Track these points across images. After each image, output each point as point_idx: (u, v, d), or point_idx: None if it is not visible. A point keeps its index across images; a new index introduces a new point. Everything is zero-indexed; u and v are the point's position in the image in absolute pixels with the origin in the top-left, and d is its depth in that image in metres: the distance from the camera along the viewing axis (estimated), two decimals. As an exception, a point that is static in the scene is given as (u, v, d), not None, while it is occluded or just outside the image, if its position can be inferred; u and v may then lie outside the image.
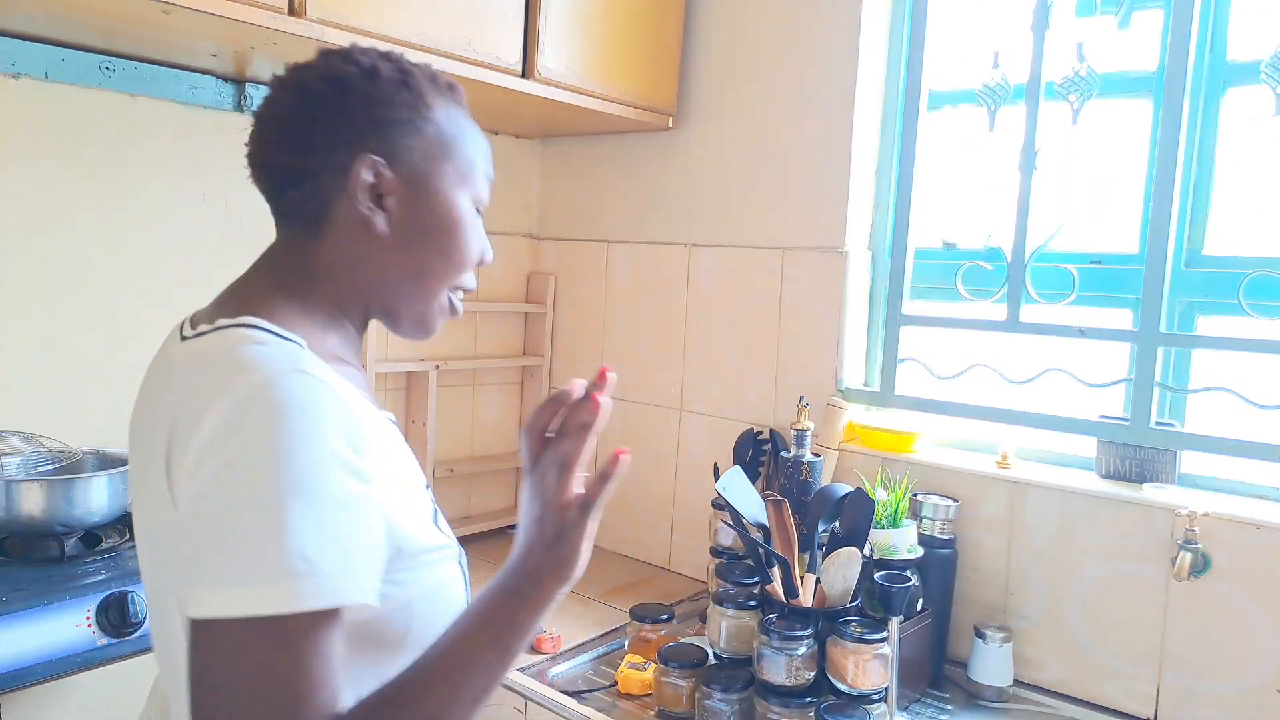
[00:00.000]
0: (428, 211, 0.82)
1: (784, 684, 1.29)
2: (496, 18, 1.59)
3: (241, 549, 0.65)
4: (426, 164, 0.82)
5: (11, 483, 1.33)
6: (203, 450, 0.67)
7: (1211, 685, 1.39)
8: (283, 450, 0.66)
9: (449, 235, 0.83)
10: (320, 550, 0.65)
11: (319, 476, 0.67)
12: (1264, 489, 1.44)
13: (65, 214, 1.55)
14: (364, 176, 0.79)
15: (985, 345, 1.67)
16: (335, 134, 0.79)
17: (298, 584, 0.64)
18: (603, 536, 2.17)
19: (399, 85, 0.81)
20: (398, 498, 0.75)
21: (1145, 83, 1.53)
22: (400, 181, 0.81)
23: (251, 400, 0.67)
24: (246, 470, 0.66)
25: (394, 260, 0.82)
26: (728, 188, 1.94)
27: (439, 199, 0.82)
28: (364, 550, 0.70)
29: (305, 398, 0.68)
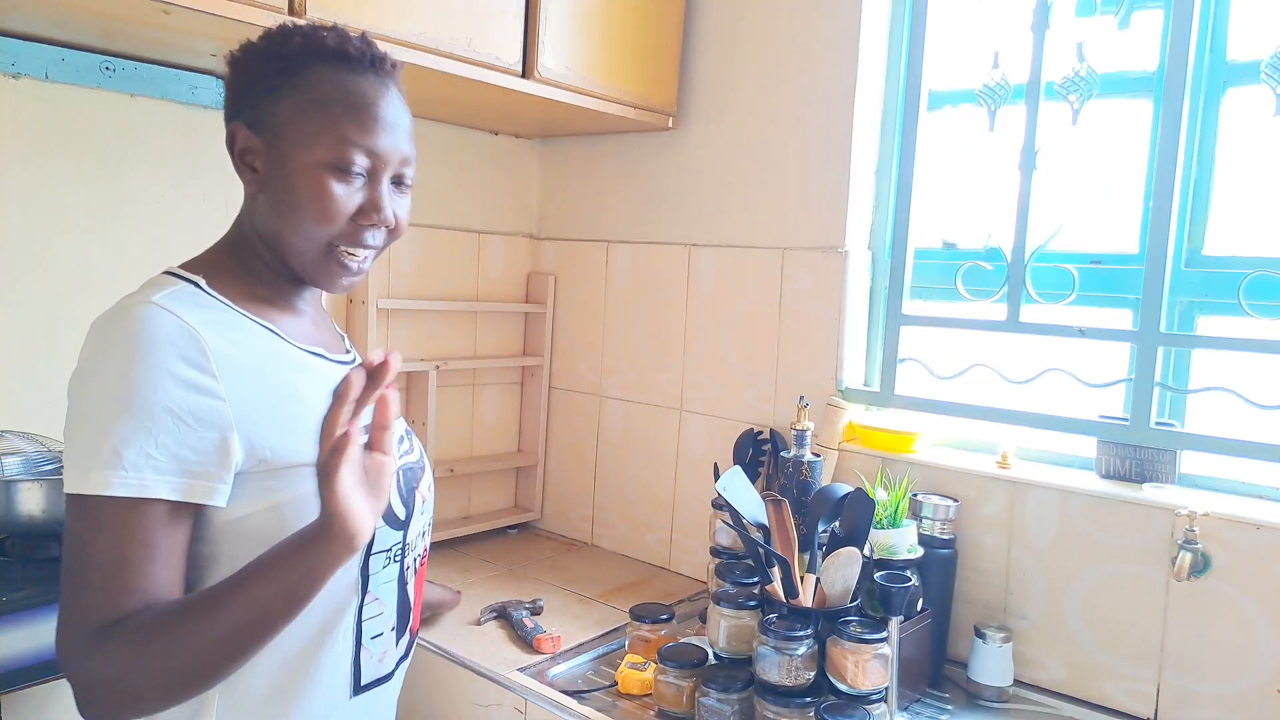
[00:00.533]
0: (283, 170, 0.90)
1: (784, 684, 1.29)
2: (496, 18, 1.59)
3: (81, 440, 0.81)
4: (286, 126, 0.90)
5: (11, 483, 1.33)
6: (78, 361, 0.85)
7: (1211, 685, 1.39)
8: (118, 364, 0.81)
9: (301, 193, 0.90)
10: (132, 448, 0.79)
11: (146, 388, 0.80)
12: (1264, 489, 1.44)
13: (65, 214, 1.55)
14: (236, 141, 0.92)
15: (985, 345, 1.67)
16: (230, 110, 0.93)
17: (107, 473, 0.79)
18: (603, 536, 2.17)
19: (271, 55, 0.91)
20: (266, 413, 0.87)
21: (1145, 83, 1.53)
22: (263, 143, 0.91)
23: (102, 327, 0.84)
24: (91, 379, 0.82)
25: (266, 215, 0.93)
26: (728, 188, 1.94)
27: (293, 159, 0.90)
28: (186, 453, 0.82)
29: (145, 324, 0.82)
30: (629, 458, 2.12)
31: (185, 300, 0.86)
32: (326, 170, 0.90)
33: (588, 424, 2.20)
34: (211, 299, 0.90)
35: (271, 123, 0.90)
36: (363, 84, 0.92)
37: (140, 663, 0.79)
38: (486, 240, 2.19)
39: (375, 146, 0.91)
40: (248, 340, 0.89)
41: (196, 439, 0.82)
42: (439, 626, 1.63)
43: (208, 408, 0.83)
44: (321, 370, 0.96)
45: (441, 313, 2.09)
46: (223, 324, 0.87)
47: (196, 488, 0.83)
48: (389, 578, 0.99)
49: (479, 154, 2.17)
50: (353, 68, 0.92)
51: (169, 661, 0.79)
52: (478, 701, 1.49)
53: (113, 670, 0.79)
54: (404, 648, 1.05)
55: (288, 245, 0.92)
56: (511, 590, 1.84)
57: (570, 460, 2.24)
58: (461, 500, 2.19)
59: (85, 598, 0.80)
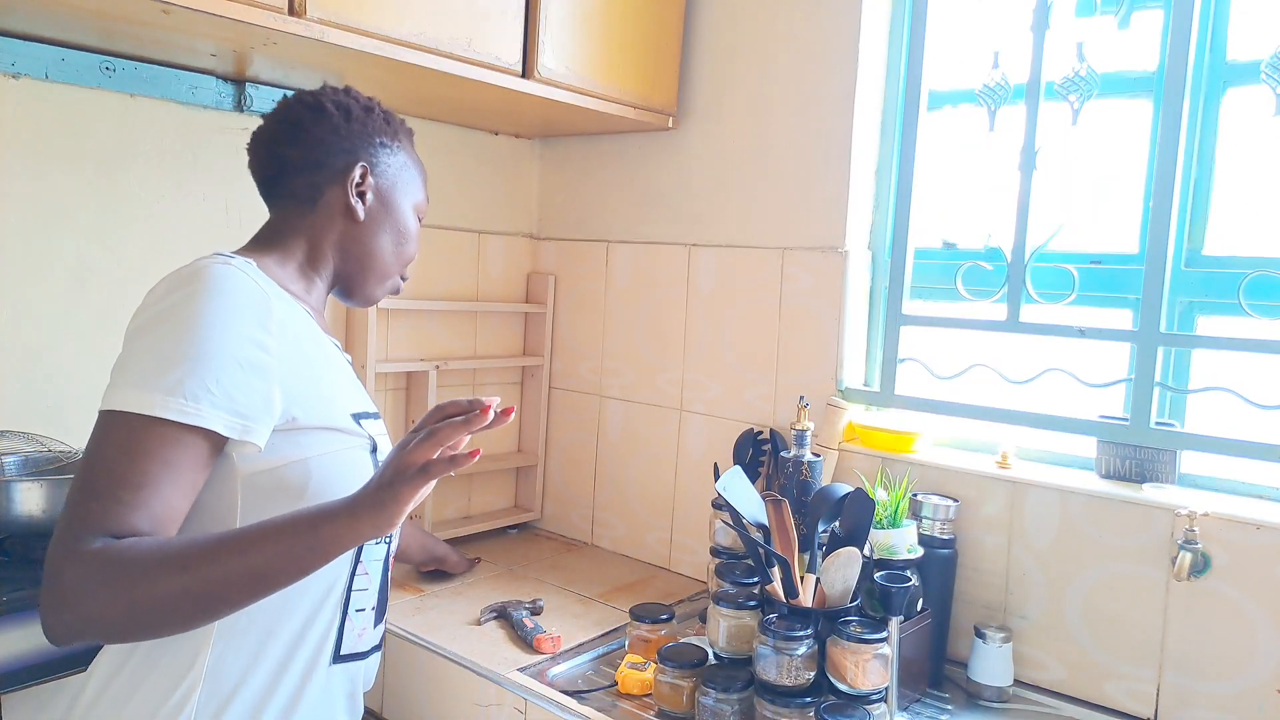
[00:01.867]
0: (390, 210, 1.14)
1: (783, 684, 1.29)
2: (496, 18, 1.59)
3: (142, 364, 0.88)
4: (394, 178, 1.14)
5: (11, 483, 1.33)
6: (145, 306, 0.93)
7: (1211, 685, 1.39)
8: (193, 310, 0.90)
9: (401, 231, 1.15)
10: (194, 381, 0.87)
11: (217, 333, 0.89)
12: (1264, 489, 1.44)
13: (65, 214, 1.55)
14: (355, 175, 1.10)
15: (985, 345, 1.67)
16: (339, 143, 1.10)
17: (168, 398, 0.86)
18: (603, 536, 2.17)
19: (383, 121, 1.14)
20: (302, 379, 0.97)
21: (1145, 83, 1.53)
22: (377, 184, 1.13)
23: (184, 276, 0.93)
24: (164, 319, 0.90)
25: (361, 239, 1.12)
26: (728, 188, 1.94)
27: (398, 205, 1.15)
28: (241, 397, 0.89)
29: (224, 279, 0.93)
30: (629, 458, 2.11)
31: (250, 270, 0.98)
32: (416, 216, 1.18)
33: (588, 424, 2.20)
34: (265, 276, 1.01)
35: (386, 170, 1.13)
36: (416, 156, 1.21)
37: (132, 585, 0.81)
38: (486, 240, 2.19)
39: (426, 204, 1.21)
40: (295, 314, 1.01)
41: (250, 388, 0.91)
42: (439, 626, 1.63)
43: (263, 362, 0.92)
44: (338, 358, 1.11)
45: (441, 313, 2.09)
46: (279, 295, 1.00)
47: (244, 427, 0.90)
48: (378, 555, 1.08)
49: (479, 154, 2.17)
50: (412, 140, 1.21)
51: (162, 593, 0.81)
52: (478, 701, 1.49)
53: (101, 581, 0.81)
54: (377, 637, 1.12)
55: (369, 266, 1.13)
56: (511, 590, 1.84)
57: (570, 460, 2.24)
58: (461, 500, 2.19)
59: (100, 504, 0.84)
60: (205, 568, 0.82)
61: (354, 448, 1.02)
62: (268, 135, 1.11)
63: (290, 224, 1.10)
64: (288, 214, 1.11)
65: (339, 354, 1.12)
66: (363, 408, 1.07)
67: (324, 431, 0.99)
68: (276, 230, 1.11)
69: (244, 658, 0.97)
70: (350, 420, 1.03)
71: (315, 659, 1.02)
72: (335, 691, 1.06)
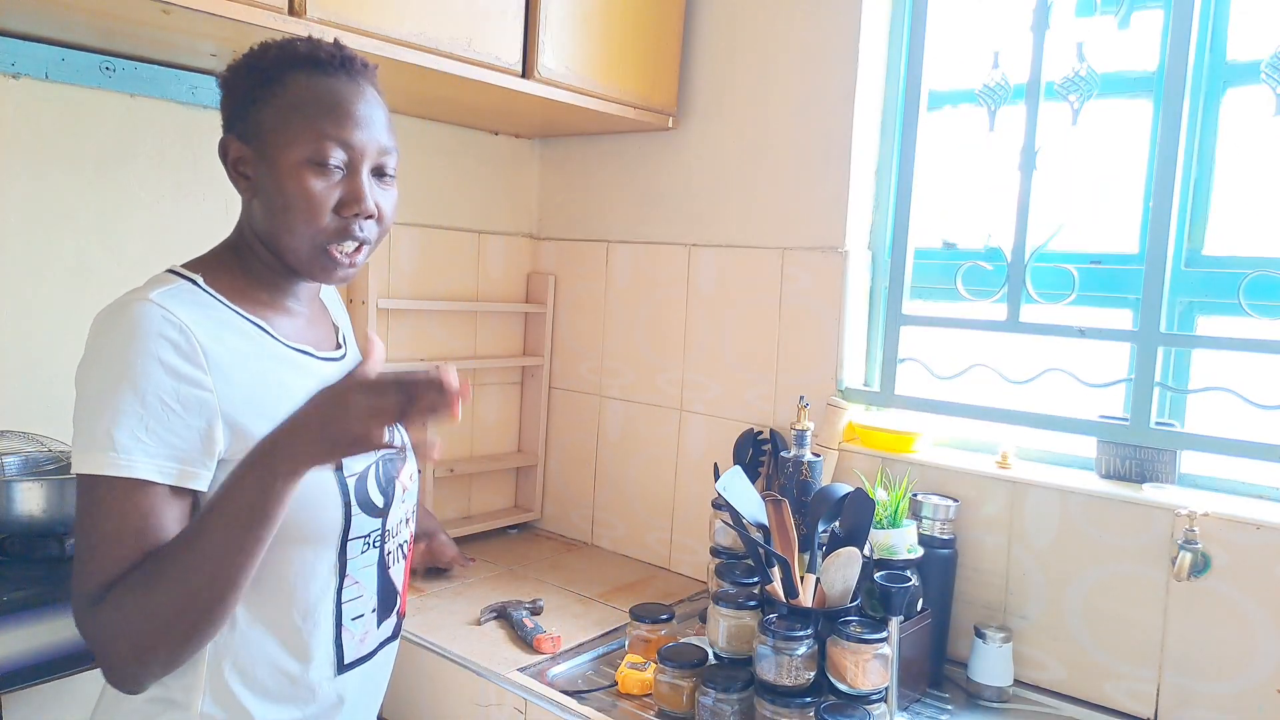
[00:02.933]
0: (272, 173, 0.96)
1: (783, 684, 1.29)
2: (496, 18, 1.59)
3: (80, 421, 0.88)
4: (270, 132, 0.96)
5: (11, 483, 1.33)
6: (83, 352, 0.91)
7: (1211, 685, 1.39)
8: (114, 355, 0.88)
9: (289, 192, 0.96)
10: (124, 431, 0.86)
11: (139, 377, 0.87)
12: (1264, 489, 1.44)
13: (65, 214, 1.55)
14: (229, 153, 0.99)
15: (985, 345, 1.67)
16: (223, 125, 1.01)
17: (100, 455, 0.85)
18: (603, 536, 2.17)
19: (251, 69, 0.98)
20: (248, 406, 0.92)
21: (1145, 83, 1.53)
22: (252, 151, 0.97)
23: (102, 320, 0.90)
24: (91, 369, 0.89)
25: (261, 217, 0.99)
26: (728, 188, 1.94)
27: (278, 162, 0.96)
28: (173, 439, 0.88)
29: (140, 318, 0.88)
30: (629, 458, 2.11)
31: (181, 298, 0.93)
32: (307, 167, 0.95)
33: (588, 424, 2.20)
34: (208, 296, 0.96)
35: (257, 131, 0.97)
36: (334, 84, 0.98)
37: (139, 606, 0.85)
38: (486, 240, 2.19)
39: (350, 139, 0.97)
40: (238, 336, 0.96)
41: (184, 426, 0.89)
42: (439, 626, 1.63)
43: (195, 398, 0.89)
44: (309, 367, 1.02)
45: (441, 313, 2.09)
46: (216, 320, 0.94)
47: (181, 472, 0.89)
48: (368, 563, 1.04)
49: (479, 154, 2.17)
50: (325, 71, 0.98)
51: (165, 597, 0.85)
52: (478, 701, 1.49)
53: (116, 621, 0.85)
54: (388, 630, 1.10)
55: (283, 244, 0.98)
56: (511, 590, 1.84)
57: (570, 460, 2.24)
58: (462, 500, 2.19)
59: (88, 566, 0.87)
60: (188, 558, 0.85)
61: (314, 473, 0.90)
62: None
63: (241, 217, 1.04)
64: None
65: (310, 361, 1.03)
66: None
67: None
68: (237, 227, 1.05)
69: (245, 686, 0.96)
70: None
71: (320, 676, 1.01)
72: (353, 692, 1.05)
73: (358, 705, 1.07)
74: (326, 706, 1.02)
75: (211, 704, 0.95)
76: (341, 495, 0.98)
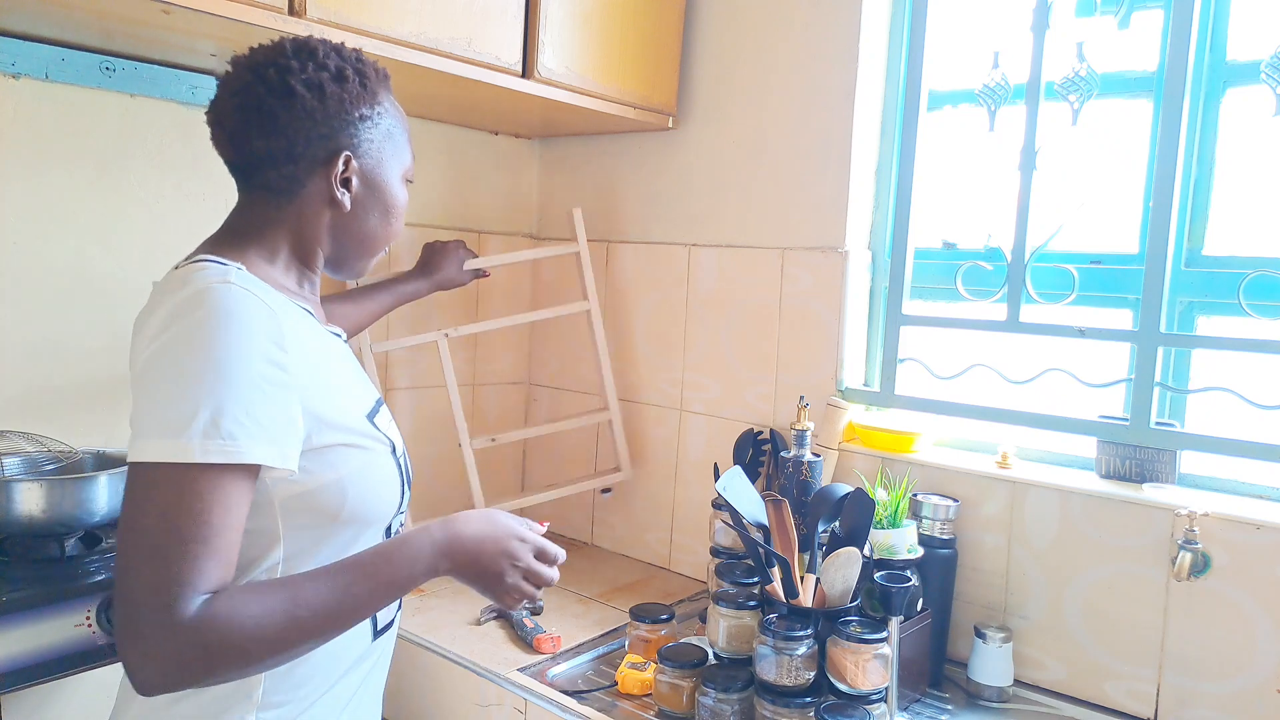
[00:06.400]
0: (378, 194, 1.04)
1: (783, 684, 1.29)
2: (496, 18, 1.59)
3: (166, 408, 0.83)
4: (380, 154, 1.04)
5: (11, 483, 1.33)
6: (150, 338, 0.87)
7: (1211, 685, 1.39)
8: (208, 338, 0.85)
9: (392, 209, 1.07)
10: (228, 417, 0.83)
11: (237, 360, 0.85)
12: (1264, 489, 1.44)
13: (65, 214, 1.55)
14: (339, 166, 1.00)
15: (985, 345, 1.67)
16: (314, 131, 0.98)
17: (203, 441, 0.82)
18: (603, 537, 2.17)
19: (360, 88, 1.01)
20: (319, 392, 0.93)
21: (1145, 83, 1.53)
22: (361, 169, 1.02)
23: (187, 302, 0.87)
24: (180, 351, 0.84)
25: (350, 227, 1.04)
26: (728, 188, 1.94)
27: (387, 184, 1.05)
28: (272, 423, 0.86)
29: (230, 301, 0.87)
30: (629, 458, 2.11)
31: (250, 282, 0.91)
32: (403, 183, 1.08)
33: (588, 424, 2.20)
34: (262, 282, 0.95)
35: (369, 149, 1.02)
36: (397, 104, 1.09)
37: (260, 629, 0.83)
38: (486, 240, 2.19)
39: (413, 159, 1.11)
40: (299, 321, 0.96)
41: (278, 411, 0.87)
42: (439, 626, 1.64)
43: (284, 382, 0.88)
44: (341, 351, 1.06)
45: (442, 313, 2.09)
46: (281, 305, 0.94)
47: (282, 454, 0.88)
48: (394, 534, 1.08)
49: (479, 154, 2.17)
50: (389, 88, 1.08)
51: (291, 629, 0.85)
52: (478, 701, 1.49)
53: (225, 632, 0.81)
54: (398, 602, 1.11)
55: (361, 249, 1.06)
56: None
57: (570, 459, 2.24)
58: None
59: (176, 566, 0.81)
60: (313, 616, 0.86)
61: (380, 456, 1.00)
62: (233, 122, 0.99)
63: (269, 216, 1.01)
64: (265, 206, 1.01)
65: (340, 344, 1.07)
66: (371, 401, 1.04)
67: (348, 447, 0.95)
68: (254, 223, 1.01)
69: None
70: (368, 424, 1.00)
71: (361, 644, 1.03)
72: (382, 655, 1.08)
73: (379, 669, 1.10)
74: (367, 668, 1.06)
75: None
76: (400, 477, 1.03)
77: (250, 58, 1.00)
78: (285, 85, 0.96)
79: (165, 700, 0.93)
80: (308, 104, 0.97)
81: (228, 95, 1.00)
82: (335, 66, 0.99)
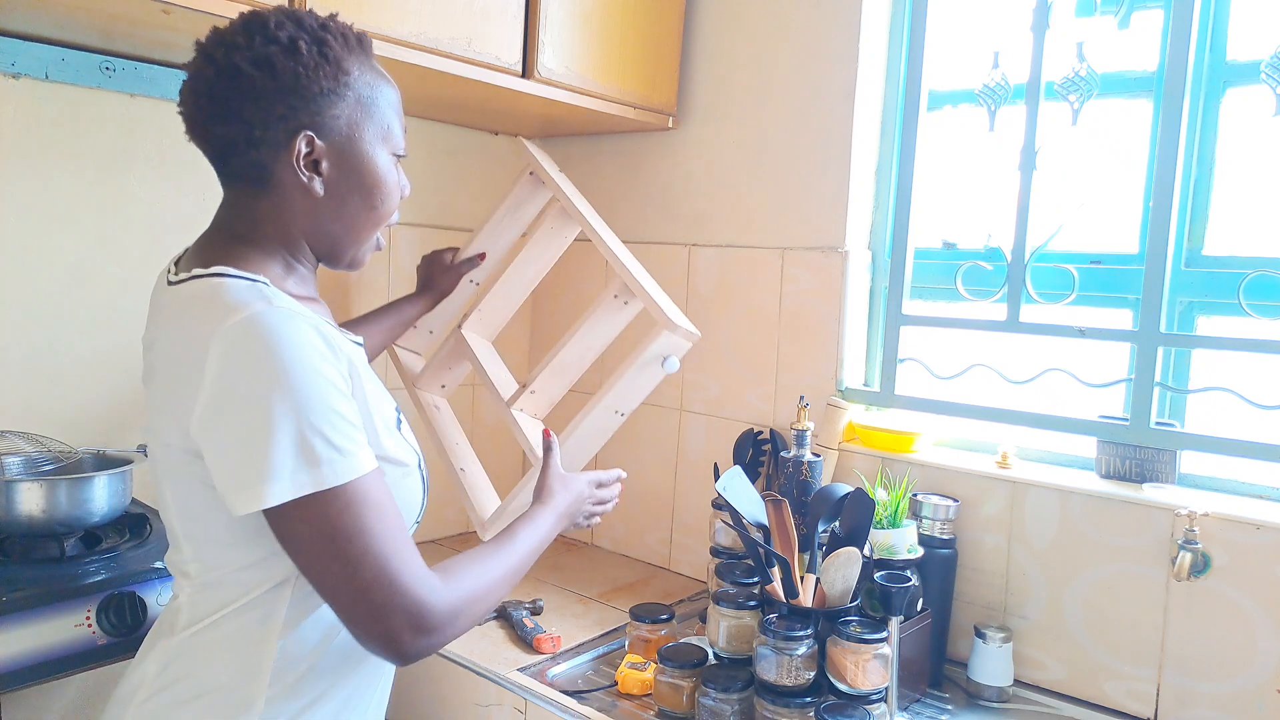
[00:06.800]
0: (355, 172, 0.96)
1: (783, 684, 1.29)
2: (496, 17, 1.59)
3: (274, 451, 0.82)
4: (350, 129, 0.94)
5: (11, 483, 1.33)
6: (214, 380, 0.83)
7: (1211, 685, 1.39)
8: (280, 370, 0.82)
9: (374, 190, 0.97)
10: (338, 436, 0.84)
11: (311, 383, 0.84)
12: (1264, 489, 1.44)
13: (65, 214, 1.55)
14: (300, 149, 0.92)
15: (985, 345, 1.67)
16: (270, 112, 0.90)
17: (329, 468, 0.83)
18: (603, 537, 2.17)
19: (319, 58, 0.91)
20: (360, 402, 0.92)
21: (1145, 83, 1.53)
22: (330, 148, 0.94)
23: (243, 335, 0.83)
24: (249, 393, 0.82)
25: (329, 214, 0.97)
26: (728, 188, 1.94)
27: (364, 160, 0.96)
28: (357, 433, 0.88)
29: (285, 326, 0.84)
30: (629, 458, 2.11)
31: (285, 301, 0.88)
32: (389, 160, 0.99)
33: (588, 424, 2.20)
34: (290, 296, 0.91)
35: (336, 125, 0.94)
36: (380, 69, 0.99)
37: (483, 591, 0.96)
38: (486, 240, 2.18)
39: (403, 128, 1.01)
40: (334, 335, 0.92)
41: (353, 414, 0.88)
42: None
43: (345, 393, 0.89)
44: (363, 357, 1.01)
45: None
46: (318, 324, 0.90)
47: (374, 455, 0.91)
48: None
49: (479, 154, 2.17)
50: (368, 55, 0.98)
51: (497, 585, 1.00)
52: (478, 701, 1.49)
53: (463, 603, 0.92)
54: None
55: (348, 238, 0.99)
56: (511, 590, 1.83)
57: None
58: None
59: (399, 557, 0.86)
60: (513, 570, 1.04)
61: (409, 469, 1.00)
62: (189, 108, 0.93)
63: (251, 210, 0.96)
64: (245, 197, 0.96)
65: (363, 354, 1.02)
66: (393, 410, 1.02)
67: (384, 460, 0.94)
68: (241, 219, 0.97)
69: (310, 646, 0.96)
70: (400, 436, 1.00)
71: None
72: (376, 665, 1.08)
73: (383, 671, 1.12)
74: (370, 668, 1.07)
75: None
76: (423, 488, 1.04)
77: (205, 39, 0.93)
78: (231, 65, 0.89)
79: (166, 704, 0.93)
80: (257, 83, 0.89)
81: (185, 82, 0.94)
82: (287, 38, 0.90)
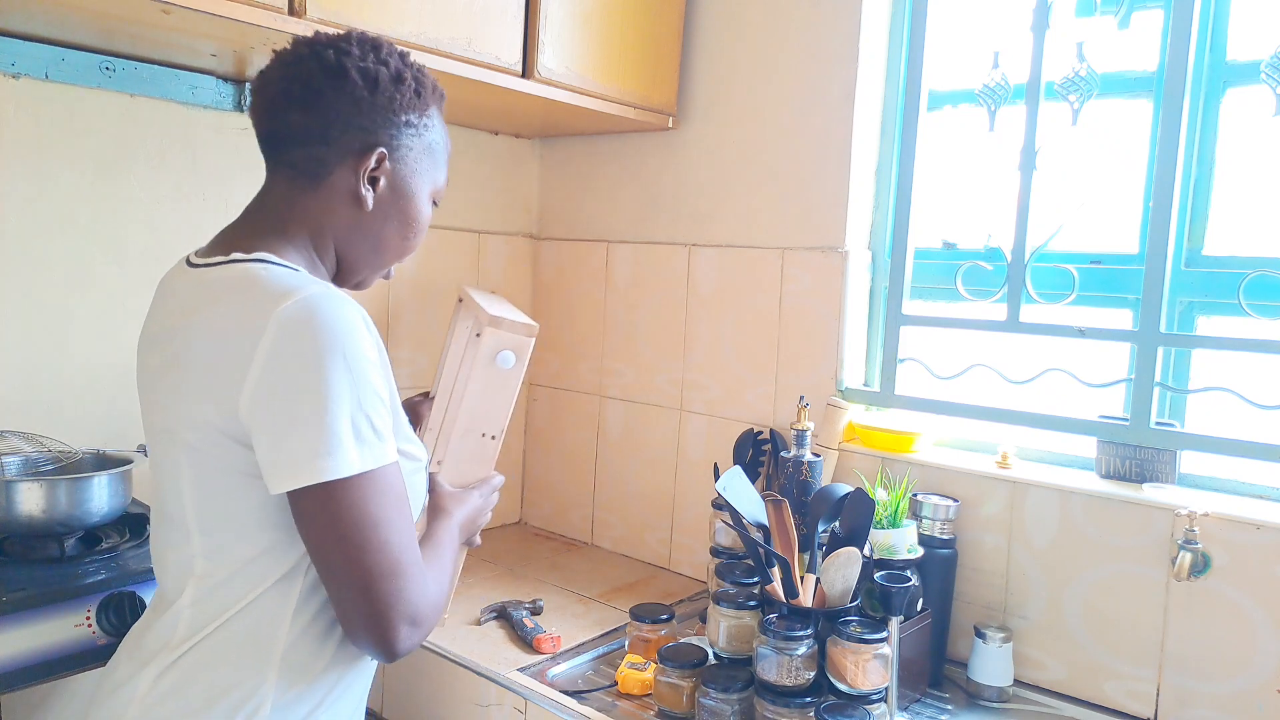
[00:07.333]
0: (403, 200, 1.03)
1: (783, 684, 1.29)
2: (496, 17, 1.59)
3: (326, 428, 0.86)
4: (414, 163, 1.02)
5: (11, 483, 1.33)
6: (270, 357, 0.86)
7: (1211, 685, 1.39)
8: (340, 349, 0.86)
9: (412, 223, 1.05)
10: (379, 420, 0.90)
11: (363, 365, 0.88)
12: (1264, 489, 1.44)
13: (65, 214, 1.55)
14: (370, 161, 0.98)
15: (985, 345, 1.67)
16: (353, 120, 0.97)
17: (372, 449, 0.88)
18: (603, 537, 2.17)
19: (414, 94, 1.00)
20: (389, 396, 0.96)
21: (1145, 83, 1.53)
22: (393, 171, 1.00)
23: (304, 313, 0.86)
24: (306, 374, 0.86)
25: (366, 229, 1.02)
26: (728, 188, 1.94)
27: (414, 196, 1.04)
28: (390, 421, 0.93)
29: (343, 309, 0.88)
30: (629, 458, 2.11)
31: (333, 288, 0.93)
32: (429, 203, 1.06)
33: (587, 424, 2.20)
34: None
35: (405, 155, 1.01)
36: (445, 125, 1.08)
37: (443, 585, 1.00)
38: (486, 240, 2.19)
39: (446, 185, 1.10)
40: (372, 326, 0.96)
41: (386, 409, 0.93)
42: (439, 626, 1.63)
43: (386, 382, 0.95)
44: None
45: (442, 312, 2.09)
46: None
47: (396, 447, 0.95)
48: None
49: (479, 154, 2.17)
50: (441, 103, 1.07)
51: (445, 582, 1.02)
52: (478, 701, 1.49)
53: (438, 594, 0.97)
54: None
55: (370, 257, 1.05)
56: (511, 590, 1.84)
57: (570, 460, 2.24)
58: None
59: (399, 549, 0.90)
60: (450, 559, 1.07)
61: (419, 467, 1.05)
62: (275, 90, 0.98)
63: (293, 202, 0.99)
64: (287, 188, 0.99)
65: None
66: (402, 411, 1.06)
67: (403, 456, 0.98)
68: (279, 209, 1.00)
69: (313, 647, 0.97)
70: (414, 434, 1.04)
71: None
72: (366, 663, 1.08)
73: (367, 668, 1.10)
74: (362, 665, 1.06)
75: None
76: (425, 491, 1.11)
77: (314, 38, 1.00)
78: (340, 66, 0.96)
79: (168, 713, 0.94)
80: (357, 91, 0.96)
81: (278, 65, 0.99)
82: (395, 68, 0.99)
